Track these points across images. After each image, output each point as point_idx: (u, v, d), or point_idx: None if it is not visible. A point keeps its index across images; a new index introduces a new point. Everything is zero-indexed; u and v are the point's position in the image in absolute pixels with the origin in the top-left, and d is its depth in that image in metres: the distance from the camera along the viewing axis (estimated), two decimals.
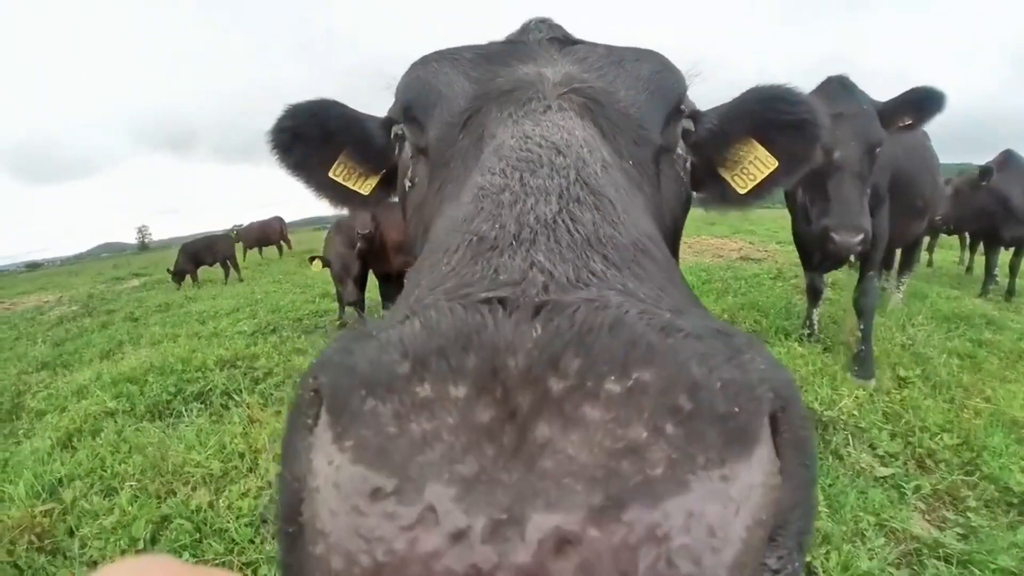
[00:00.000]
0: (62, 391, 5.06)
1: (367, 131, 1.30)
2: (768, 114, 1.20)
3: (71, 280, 26.92)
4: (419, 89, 1.06)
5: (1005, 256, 7.98)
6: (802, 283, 5.82)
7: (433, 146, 1.01)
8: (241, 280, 15.43)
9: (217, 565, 2.17)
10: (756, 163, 1.26)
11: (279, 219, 23.52)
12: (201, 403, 4.22)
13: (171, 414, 4.07)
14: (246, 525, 2.62)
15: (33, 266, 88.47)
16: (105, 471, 3.18)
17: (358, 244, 6.09)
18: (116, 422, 3.95)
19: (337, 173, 1.35)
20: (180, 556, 2.48)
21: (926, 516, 2.65)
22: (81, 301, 14.35)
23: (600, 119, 0.90)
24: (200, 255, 15.68)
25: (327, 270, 6.64)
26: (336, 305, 7.42)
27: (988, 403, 3.60)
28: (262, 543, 2.56)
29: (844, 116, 3.33)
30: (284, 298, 9.50)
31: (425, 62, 1.08)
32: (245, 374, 4.76)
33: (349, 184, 1.36)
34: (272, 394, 4.20)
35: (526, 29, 1.15)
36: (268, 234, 22.99)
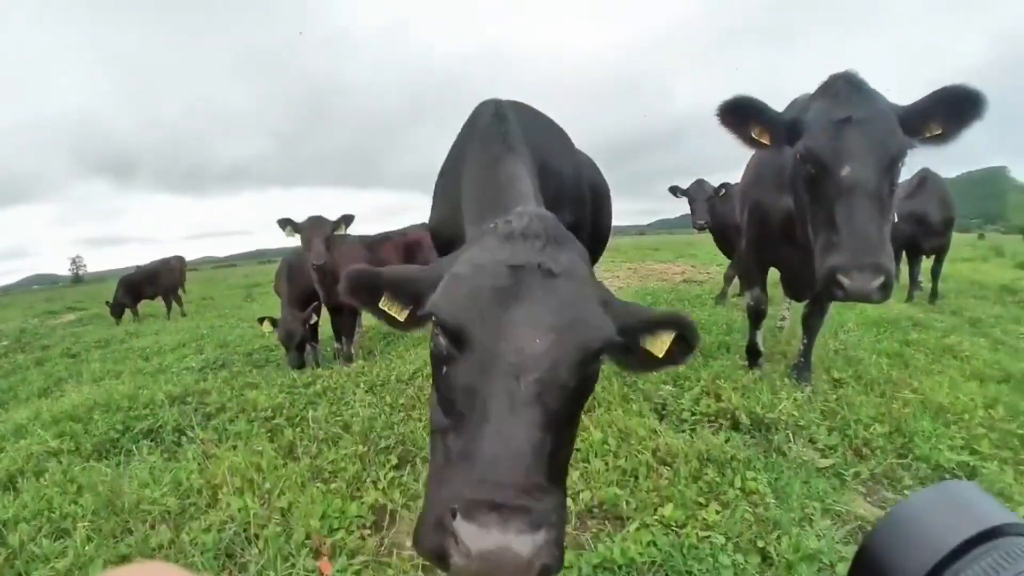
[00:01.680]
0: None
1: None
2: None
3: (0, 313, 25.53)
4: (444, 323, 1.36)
5: (927, 263, 8.60)
6: (742, 302, 5.95)
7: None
8: (184, 315, 14.95)
9: None
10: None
11: (179, 259, 16.58)
12: (151, 440, 4.08)
13: (119, 452, 3.91)
14: (213, 558, 2.59)
15: None
16: (54, 512, 3.03)
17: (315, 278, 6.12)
18: (61, 462, 3.79)
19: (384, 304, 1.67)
20: None
21: (867, 498, 2.84)
22: (12, 336, 13.62)
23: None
24: (141, 287, 15.04)
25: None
26: None
27: (916, 393, 3.87)
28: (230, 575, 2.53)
29: (855, 122, 2.58)
30: (232, 332, 9.30)
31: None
32: (196, 410, 4.64)
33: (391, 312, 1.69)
34: (227, 428, 4.09)
35: (524, 233, 1.46)
36: (159, 278, 15.57)
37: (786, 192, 3.56)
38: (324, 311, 6.82)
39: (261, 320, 6.68)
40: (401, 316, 1.68)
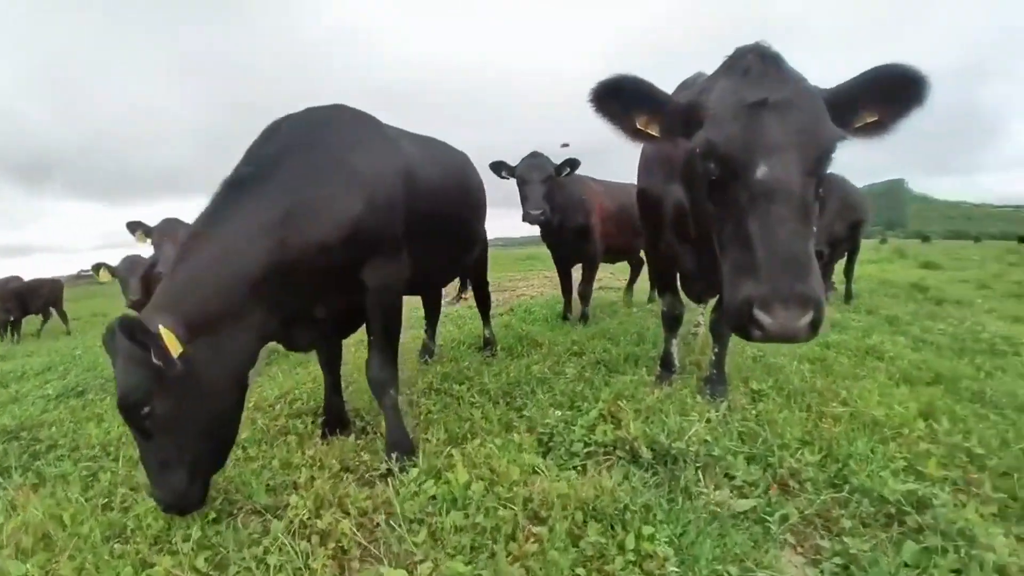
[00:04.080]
0: None
1: None
2: None
3: None
4: None
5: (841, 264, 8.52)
6: (657, 308, 5.41)
7: None
8: (68, 333, 13.23)
9: None
10: None
11: (57, 282, 14.59)
12: None
13: None
14: None
15: None
16: None
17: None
18: None
19: None
20: None
21: (798, 549, 2.20)
22: None
23: None
24: (24, 299, 13.28)
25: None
26: None
27: (845, 406, 3.31)
28: None
29: (773, 106, 1.94)
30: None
31: None
32: (26, 448, 3.76)
33: None
34: (49, 470, 3.27)
35: None
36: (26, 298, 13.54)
37: (676, 183, 3.05)
38: None
39: (97, 267, 5.99)
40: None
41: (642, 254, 8.22)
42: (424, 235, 3.16)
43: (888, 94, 2.04)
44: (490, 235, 5.46)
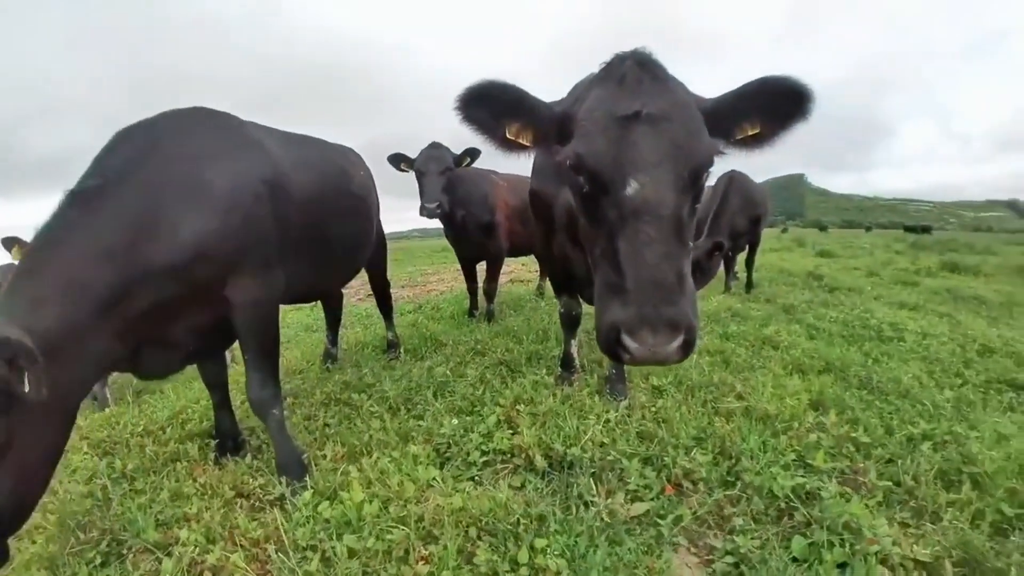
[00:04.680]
0: None
1: None
2: None
3: None
4: None
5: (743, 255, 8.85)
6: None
7: None
8: None
9: None
10: None
11: None
12: None
13: None
14: None
15: None
16: None
17: None
18: None
19: None
20: None
21: (691, 549, 2.18)
22: None
23: None
24: None
25: None
26: None
27: (740, 400, 3.36)
28: None
29: (647, 119, 1.84)
30: None
31: None
32: None
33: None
34: None
35: None
36: None
37: (564, 184, 2.88)
38: None
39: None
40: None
41: None
42: (304, 243, 2.95)
43: (771, 107, 1.98)
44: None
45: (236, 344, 2.87)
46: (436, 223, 6.19)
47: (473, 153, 5.78)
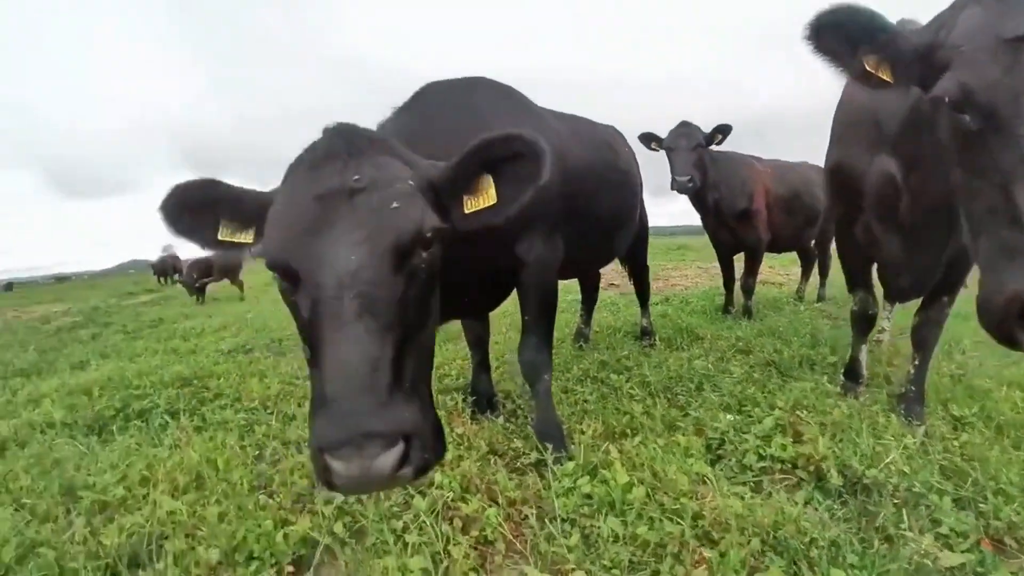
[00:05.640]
0: (19, 398, 4.75)
1: None
2: None
3: (88, 293, 27.06)
4: None
5: None
6: (830, 308, 4.81)
7: None
8: (243, 299, 14.98)
9: None
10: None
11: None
12: (143, 421, 3.78)
13: (110, 431, 3.67)
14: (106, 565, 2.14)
15: (61, 279, 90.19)
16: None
17: None
18: (45, 435, 3.61)
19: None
20: None
21: None
22: (85, 312, 14.15)
23: None
24: (207, 270, 15.30)
25: None
26: None
27: None
28: None
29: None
30: (273, 317, 8.81)
31: None
32: (195, 394, 4.30)
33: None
34: (212, 416, 3.73)
35: None
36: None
37: (885, 152, 2.60)
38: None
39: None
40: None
41: (813, 244, 7.56)
42: (574, 213, 3.04)
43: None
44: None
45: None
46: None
47: (724, 130, 5.60)
